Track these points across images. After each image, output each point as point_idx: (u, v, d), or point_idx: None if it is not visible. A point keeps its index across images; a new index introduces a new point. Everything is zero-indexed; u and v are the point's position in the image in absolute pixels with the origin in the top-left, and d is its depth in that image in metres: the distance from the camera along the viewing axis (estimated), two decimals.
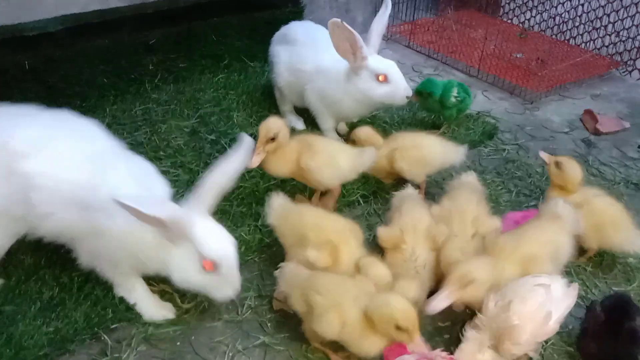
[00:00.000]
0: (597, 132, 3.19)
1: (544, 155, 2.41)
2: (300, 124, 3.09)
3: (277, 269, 1.99)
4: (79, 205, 1.80)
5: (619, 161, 2.96)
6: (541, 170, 2.82)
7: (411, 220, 2.12)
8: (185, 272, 1.76)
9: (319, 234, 2.02)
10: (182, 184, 2.57)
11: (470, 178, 2.38)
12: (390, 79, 2.62)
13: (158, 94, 3.32)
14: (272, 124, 2.29)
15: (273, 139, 2.27)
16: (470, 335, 1.76)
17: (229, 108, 3.20)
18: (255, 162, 2.23)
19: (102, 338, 1.93)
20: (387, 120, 3.15)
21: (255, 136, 2.93)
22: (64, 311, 1.97)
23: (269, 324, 2.01)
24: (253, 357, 1.91)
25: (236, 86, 3.42)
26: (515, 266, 1.94)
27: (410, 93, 2.67)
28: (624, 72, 3.90)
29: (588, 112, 3.32)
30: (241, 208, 2.48)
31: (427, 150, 2.55)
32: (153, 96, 3.31)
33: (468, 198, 2.22)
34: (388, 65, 2.64)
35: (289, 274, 1.95)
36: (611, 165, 2.91)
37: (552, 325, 1.75)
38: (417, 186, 2.50)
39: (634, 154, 3.03)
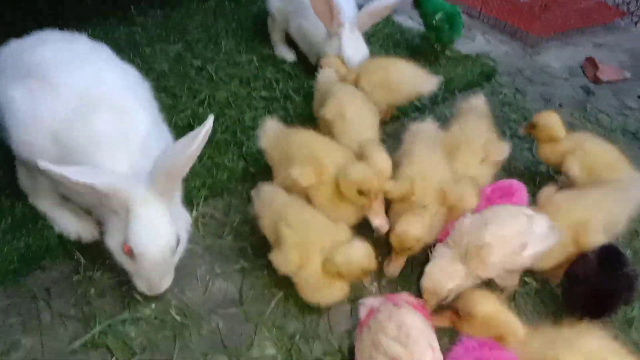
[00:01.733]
0: (597, 80, 3.09)
1: (521, 130, 2.32)
2: (290, 56, 2.96)
3: None
4: None
5: (617, 110, 2.88)
6: None
7: (423, 170, 1.90)
8: (110, 242, 1.59)
9: (304, 150, 1.93)
10: (165, 109, 2.46)
11: (478, 101, 2.26)
12: (348, 64, 2.51)
13: (144, 18, 3.17)
14: None
15: None
16: (441, 251, 1.71)
17: (217, 35, 3.06)
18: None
19: (75, 256, 1.86)
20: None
21: (242, 63, 2.84)
22: (36, 228, 1.89)
23: (249, 250, 1.95)
24: (231, 281, 1.85)
25: (227, 13, 3.28)
26: (567, 229, 1.79)
27: None
28: (629, 22, 3.77)
29: (589, 60, 3.22)
30: (225, 136, 2.38)
31: (393, 75, 2.37)
32: (139, 20, 3.16)
33: (477, 122, 2.12)
34: (352, 54, 2.53)
35: (265, 195, 1.86)
36: (608, 114, 2.84)
37: (526, 258, 1.69)
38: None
39: (633, 103, 2.95)
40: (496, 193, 1.88)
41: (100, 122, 1.64)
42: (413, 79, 2.40)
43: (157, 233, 1.53)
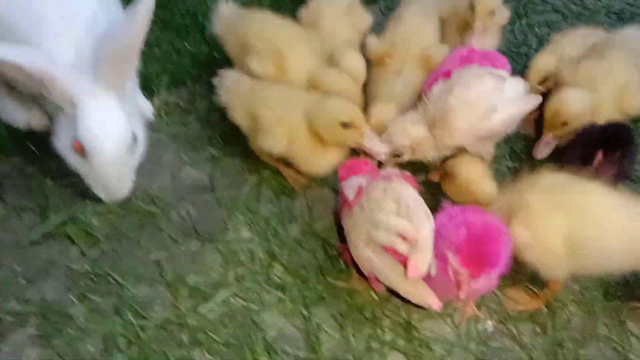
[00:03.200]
0: None
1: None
2: None
3: None
4: None
5: None
6: None
7: (406, 33, 1.80)
8: (58, 142, 1.40)
9: (262, 39, 1.73)
10: None
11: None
12: None
13: None
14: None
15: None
16: (409, 114, 1.62)
17: None
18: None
19: (30, 148, 1.72)
20: None
21: None
22: None
23: (218, 137, 1.82)
24: (201, 169, 1.74)
25: None
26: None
27: None
28: None
29: None
30: (185, 20, 2.19)
31: None
32: None
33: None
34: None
35: (230, 83, 1.70)
36: None
37: (495, 122, 1.57)
38: None
39: None
40: (476, 54, 1.71)
41: (45, 4, 1.44)
42: None
43: (108, 126, 1.34)
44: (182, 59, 2.04)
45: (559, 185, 1.38)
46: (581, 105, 1.63)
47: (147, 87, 1.91)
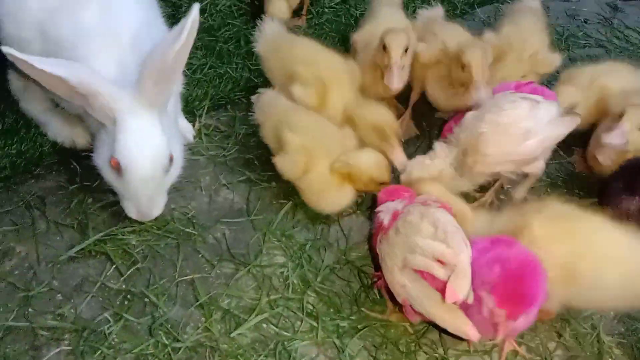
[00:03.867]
0: None
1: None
2: None
3: None
4: None
5: None
6: (561, 31, 2.57)
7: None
8: (98, 158, 1.42)
9: (309, 69, 1.74)
10: (165, 19, 2.30)
11: (533, 2, 2.09)
12: None
13: None
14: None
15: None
16: (437, 146, 1.61)
17: None
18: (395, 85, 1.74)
19: (72, 165, 1.75)
20: None
21: None
22: (29, 135, 1.78)
23: (256, 161, 1.83)
24: (237, 191, 1.75)
25: None
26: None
27: None
28: None
29: None
30: (229, 45, 2.23)
31: None
32: None
33: (531, 27, 1.95)
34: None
35: (266, 101, 1.73)
36: (637, 29, 2.65)
37: (531, 145, 1.53)
38: None
39: None
40: (523, 89, 1.70)
41: (89, 13, 1.48)
42: None
43: (145, 144, 1.35)
44: (224, 84, 2.07)
45: (565, 214, 1.35)
46: None
47: (189, 110, 1.95)
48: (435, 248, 1.23)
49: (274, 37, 1.86)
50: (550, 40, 2.11)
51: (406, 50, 1.73)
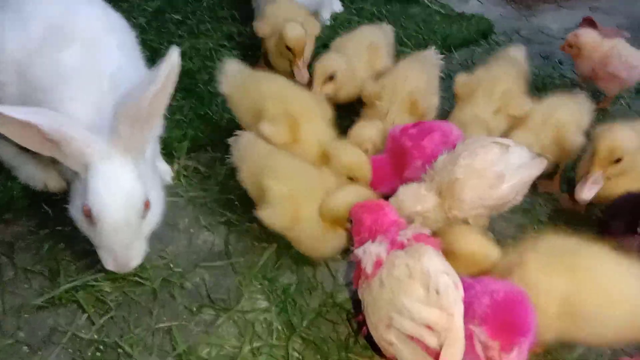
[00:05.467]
0: None
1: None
2: None
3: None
4: None
5: None
6: (537, 72, 2.62)
7: (395, 78, 1.91)
8: (72, 207, 1.35)
9: (277, 105, 1.69)
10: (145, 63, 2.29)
11: (517, 53, 2.16)
12: None
13: None
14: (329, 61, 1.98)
15: (332, 78, 1.96)
16: (413, 183, 1.56)
17: None
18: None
19: (43, 209, 1.68)
20: None
21: (224, 17, 2.66)
22: None
23: (237, 202, 1.77)
24: (217, 233, 1.69)
25: None
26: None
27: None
28: None
29: (587, 20, 3.08)
30: (209, 87, 2.21)
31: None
32: None
33: (505, 70, 1.98)
34: None
35: (244, 144, 1.65)
36: None
37: (504, 190, 1.51)
38: None
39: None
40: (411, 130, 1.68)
41: (67, 55, 1.44)
42: None
43: (118, 190, 1.27)
44: (204, 125, 2.03)
45: (563, 248, 1.32)
46: (635, 141, 1.60)
47: (168, 152, 1.90)
48: (427, 316, 1.14)
49: (239, 76, 1.81)
50: (528, 84, 2.16)
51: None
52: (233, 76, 1.81)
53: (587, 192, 1.65)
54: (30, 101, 1.40)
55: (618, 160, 1.62)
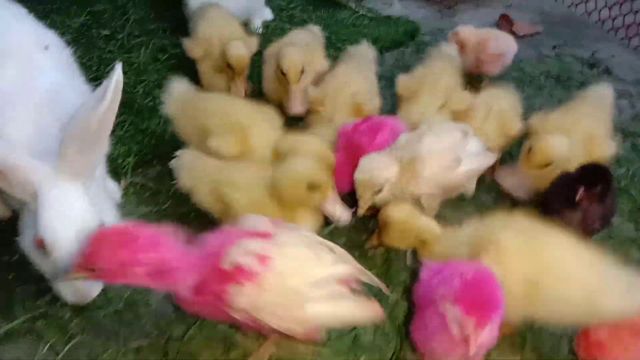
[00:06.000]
0: (512, 35, 3.16)
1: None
2: None
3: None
4: None
5: (537, 58, 2.95)
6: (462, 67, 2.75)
7: (337, 84, 1.93)
8: (22, 239, 1.29)
9: (222, 118, 1.67)
10: None
11: (450, 49, 2.25)
12: None
13: None
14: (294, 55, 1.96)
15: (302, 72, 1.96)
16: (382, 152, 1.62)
17: (124, 6, 2.79)
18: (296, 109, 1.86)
19: None
20: None
21: (154, 30, 2.61)
22: None
23: (193, 214, 1.73)
24: None
25: None
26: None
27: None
28: None
29: (504, 17, 3.29)
30: (147, 101, 2.16)
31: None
32: None
33: (443, 67, 2.05)
34: None
35: (191, 165, 1.59)
36: (531, 62, 2.90)
37: (459, 174, 1.61)
38: None
39: (550, 53, 3.03)
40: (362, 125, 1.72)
41: (4, 76, 1.38)
42: None
43: (71, 217, 1.22)
44: (148, 139, 1.99)
45: (531, 230, 1.38)
46: (567, 149, 1.70)
47: (113, 169, 1.84)
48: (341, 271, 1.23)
49: (183, 96, 1.77)
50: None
51: (303, 71, 1.93)
52: (177, 96, 1.77)
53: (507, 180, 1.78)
54: None
55: (548, 164, 1.71)
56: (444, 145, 1.60)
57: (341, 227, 1.66)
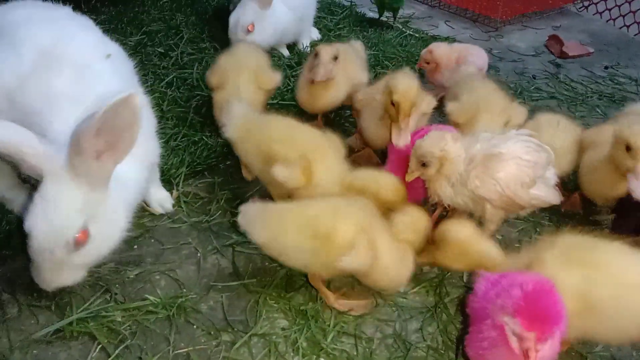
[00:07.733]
0: (563, 56, 3.11)
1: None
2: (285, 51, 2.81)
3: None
4: None
5: (589, 79, 2.89)
6: (514, 86, 2.71)
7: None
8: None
9: (287, 146, 1.61)
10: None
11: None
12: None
13: (96, 15, 2.97)
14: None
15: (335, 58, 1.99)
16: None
17: (178, 26, 2.89)
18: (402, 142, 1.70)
19: None
20: None
21: (206, 48, 2.68)
22: None
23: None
24: (225, 256, 1.65)
25: (183, 8, 3.12)
26: None
27: None
28: (580, 7, 3.88)
29: (553, 37, 3.25)
30: (199, 117, 2.20)
31: None
32: (91, 17, 2.95)
33: (490, 90, 1.98)
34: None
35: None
36: (582, 82, 2.84)
37: (526, 195, 1.53)
38: None
39: (602, 73, 2.97)
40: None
41: (59, 80, 1.42)
42: None
43: (52, 215, 1.23)
44: (200, 151, 2.02)
45: (579, 245, 1.33)
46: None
47: (166, 179, 1.88)
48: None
49: (244, 120, 1.71)
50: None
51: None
52: (239, 120, 1.71)
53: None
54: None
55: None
56: (529, 158, 1.52)
57: None
